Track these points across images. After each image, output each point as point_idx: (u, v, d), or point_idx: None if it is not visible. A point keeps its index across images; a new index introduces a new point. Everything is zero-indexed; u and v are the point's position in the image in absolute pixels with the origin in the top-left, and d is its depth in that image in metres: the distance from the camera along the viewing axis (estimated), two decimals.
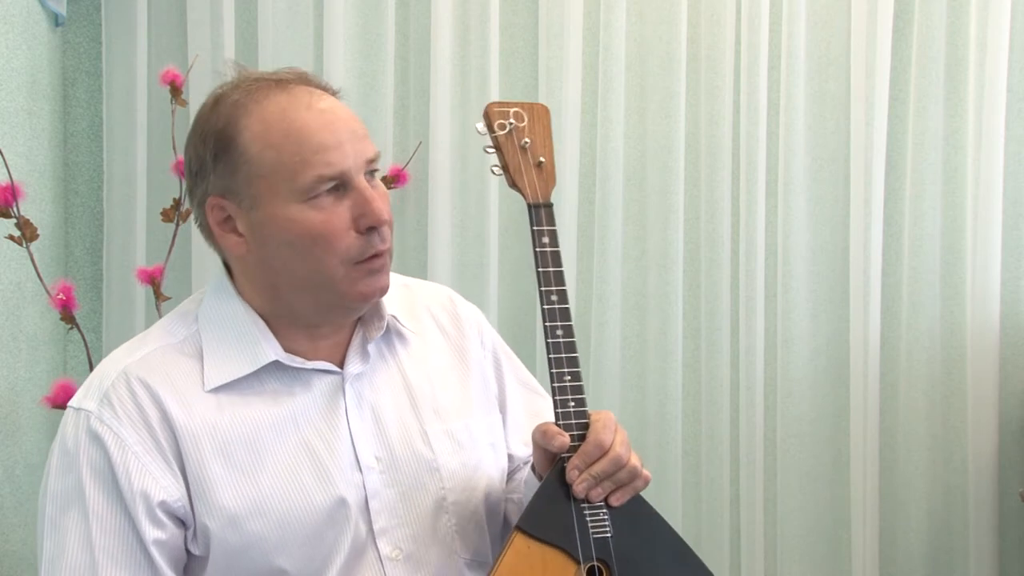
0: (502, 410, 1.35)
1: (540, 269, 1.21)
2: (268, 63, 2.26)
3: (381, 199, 1.15)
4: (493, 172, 1.27)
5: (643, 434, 2.42)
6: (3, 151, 1.81)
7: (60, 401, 1.70)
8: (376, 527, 1.17)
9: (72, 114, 2.32)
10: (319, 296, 1.15)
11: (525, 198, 1.24)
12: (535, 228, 1.22)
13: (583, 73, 2.37)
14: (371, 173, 1.16)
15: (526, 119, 1.26)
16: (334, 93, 1.19)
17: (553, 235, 1.22)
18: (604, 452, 1.16)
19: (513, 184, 1.25)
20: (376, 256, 1.15)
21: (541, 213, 1.23)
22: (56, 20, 2.24)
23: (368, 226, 1.13)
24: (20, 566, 1.94)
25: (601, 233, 2.37)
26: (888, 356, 2.45)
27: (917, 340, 2.43)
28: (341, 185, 1.13)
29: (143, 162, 2.27)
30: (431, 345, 1.30)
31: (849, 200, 2.41)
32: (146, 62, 2.27)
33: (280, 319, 1.19)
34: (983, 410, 2.40)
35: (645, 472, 1.19)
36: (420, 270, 2.33)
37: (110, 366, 1.16)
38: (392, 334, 1.26)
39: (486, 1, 2.33)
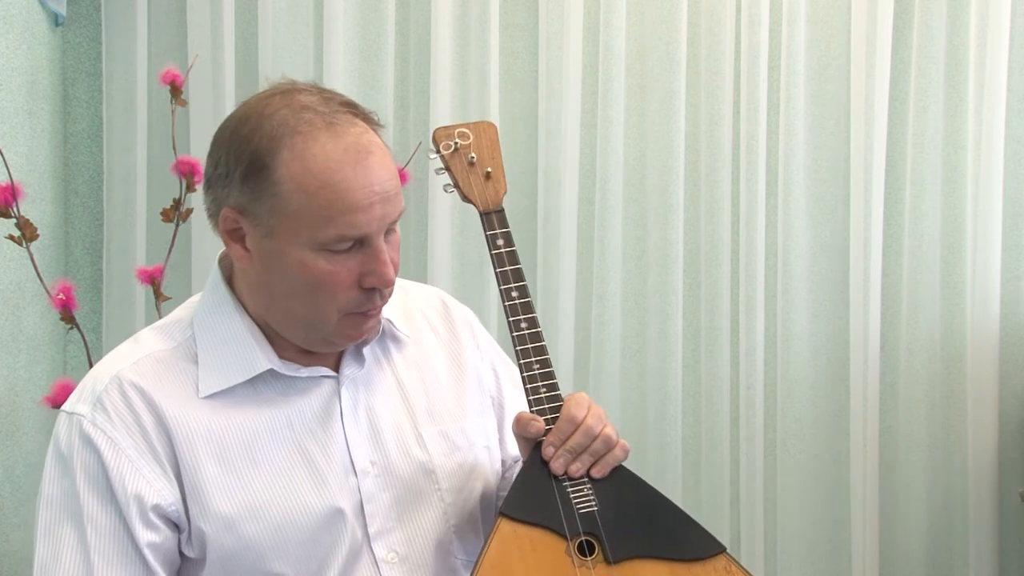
0: (501, 416, 1.35)
1: (498, 270, 1.26)
2: (268, 63, 2.26)
3: (394, 251, 1.15)
4: (446, 190, 1.33)
5: (643, 435, 2.42)
6: (3, 151, 1.81)
7: (60, 401, 1.69)
8: (371, 531, 1.17)
9: (72, 114, 2.32)
10: (308, 332, 1.16)
11: (477, 208, 1.30)
12: (488, 233, 1.29)
13: (583, 73, 2.37)
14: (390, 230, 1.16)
15: (471, 137, 1.33)
16: (378, 125, 1.19)
17: (507, 236, 1.28)
18: (577, 426, 1.18)
19: (465, 198, 1.31)
20: (372, 308, 1.16)
21: (493, 218, 1.29)
22: (56, 20, 2.24)
23: (372, 286, 1.13)
24: (20, 566, 1.94)
25: (601, 233, 2.37)
26: (888, 356, 2.45)
27: (917, 340, 2.43)
28: (358, 242, 1.12)
29: (143, 162, 2.27)
30: (425, 348, 1.30)
31: (849, 200, 2.41)
32: (146, 62, 2.27)
33: (274, 327, 1.19)
34: (983, 410, 2.40)
35: (622, 441, 1.20)
36: (420, 270, 2.33)
37: (103, 370, 1.16)
38: (387, 337, 1.26)
39: (486, 1, 2.33)
